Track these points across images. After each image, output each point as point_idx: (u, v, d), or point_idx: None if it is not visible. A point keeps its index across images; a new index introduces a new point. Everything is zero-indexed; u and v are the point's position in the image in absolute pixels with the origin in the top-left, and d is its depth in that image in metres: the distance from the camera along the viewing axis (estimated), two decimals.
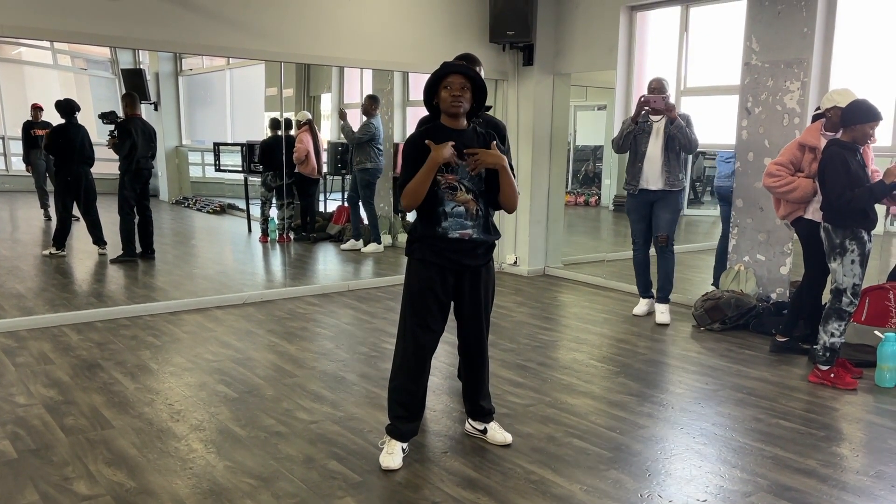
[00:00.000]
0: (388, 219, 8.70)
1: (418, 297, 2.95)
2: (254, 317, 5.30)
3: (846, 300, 3.98)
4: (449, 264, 2.92)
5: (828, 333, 4.03)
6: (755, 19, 5.31)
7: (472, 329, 3.07)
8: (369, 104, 7.83)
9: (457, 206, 2.88)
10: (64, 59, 12.90)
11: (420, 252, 2.93)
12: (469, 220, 2.90)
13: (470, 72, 2.85)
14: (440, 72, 2.85)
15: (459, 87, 2.81)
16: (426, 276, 2.93)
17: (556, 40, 6.79)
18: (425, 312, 2.95)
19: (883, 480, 2.92)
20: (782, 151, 4.49)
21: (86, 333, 4.77)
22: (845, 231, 3.95)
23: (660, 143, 5.12)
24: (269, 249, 8.44)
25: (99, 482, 2.77)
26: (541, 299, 6.12)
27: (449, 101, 2.82)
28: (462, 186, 2.88)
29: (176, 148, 12.73)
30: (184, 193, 12.56)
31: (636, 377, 4.16)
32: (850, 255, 3.95)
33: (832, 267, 4.05)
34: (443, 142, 2.82)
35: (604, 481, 2.86)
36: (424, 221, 2.92)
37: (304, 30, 5.68)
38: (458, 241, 2.89)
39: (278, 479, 2.82)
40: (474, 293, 3.01)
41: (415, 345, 2.97)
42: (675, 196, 5.23)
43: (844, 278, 3.98)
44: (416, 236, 2.95)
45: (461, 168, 2.87)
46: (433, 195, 2.85)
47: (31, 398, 3.62)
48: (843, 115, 3.96)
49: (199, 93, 12.76)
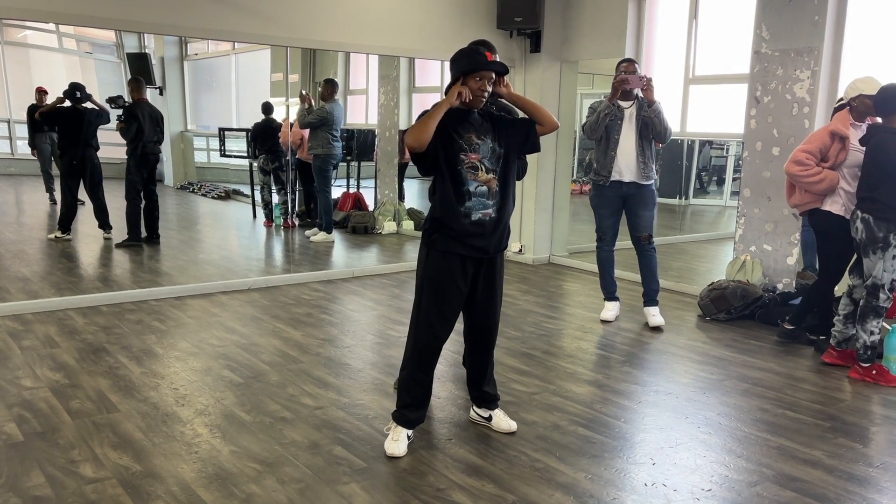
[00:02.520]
0: (393, 205, 8.68)
1: (437, 288, 2.94)
2: (259, 302, 5.31)
3: (884, 296, 3.88)
4: (471, 252, 2.92)
5: (867, 332, 3.94)
6: (766, 7, 5.26)
7: (485, 316, 3.07)
8: (326, 89, 7.73)
9: (480, 185, 2.89)
10: (69, 43, 12.86)
11: (442, 243, 2.91)
12: (490, 199, 2.92)
13: (504, 70, 2.93)
14: (477, 65, 2.86)
15: (489, 82, 2.87)
16: (447, 266, 2.92)
17: (564, 27, 6.74)
18: (444, 303, 2.95)
19: (889, 472, 2.91)
20: (810, 138, 4.30)
21: (91, 317, 4.78)
22: (889, 224, 3.80)
23: (633, 131, 4.72)
24: (274, 235, 8.44)
25: (105, 465, 2.78)
26: (546, 287, 6.11)
27: (477, 95, 2.86)
28: (483, 166, 2.89)
29: (181, 133, 12.70)
30: (189, 179, 12.54)
31: (641, 366, 4.15)
32: (892, 249, 3.82)
33: (869, 261, 3.89)
34: (460, 120, 2.89)
35: (608, 470, 2.86)
36: (445, 206, 2.90)
37: (310, 15, 5.65)
38: (479, 223, 2.89)
39: (283, 465, 2.82)
40: (489, 280, 3.02)
41: (431, 336, 2.97)
42: (650, 189, 4.83)
43: (885, 273, 3.85)
44: (436, 226, 2.93)
45: (482, 146, 2.89)
46: (456, 175, 2.87)
47: (37, 381, 3.63)
48: (886, 103, 3.81)
49: (204, 78, 12.71)
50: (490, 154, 2.91)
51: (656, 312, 4.94)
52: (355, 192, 9.11)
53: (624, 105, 4.74)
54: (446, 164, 2.86)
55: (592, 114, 4.83)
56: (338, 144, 7.80)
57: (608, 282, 5.12)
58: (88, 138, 7.21)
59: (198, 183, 12.11)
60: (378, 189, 8.99)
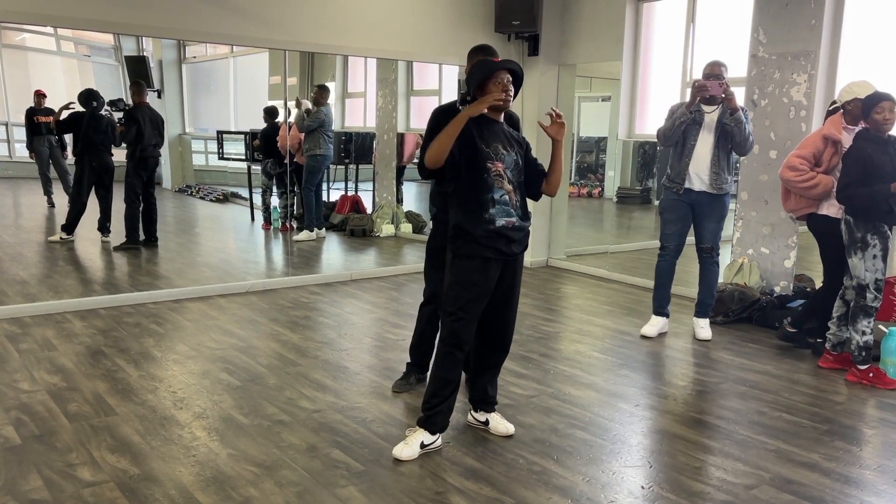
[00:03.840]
0: (391, 208, 8.69)
1: (463, 292, 2.93)
2: (257, 305, 5.31)
3: (870, 296, 3.93)
4: (496, 255, 2.94)
5: (859, 332, 3.97)
6: (763, 11, 5.27)
7: (503, 315, 3.09)
8: (319, 94, 8.04)
9: (504, 193, 2.92)
10: (67, 46, 12.86)
11: (467, 248, 2.93)
12: (512, 208, 2.96)
13: (517, 68, 2.94)
14: (491, 68, 2.89)
15: (508, 81, 2.89)
16: (471, 269, 2.93)
17: (562, 31, 6.76)
18: (471, 307, 2.95)
19: (886, 475, 2.92)
20: (803, 143, 4.34)
21: (89, 320, 4.77)
22: (867, 225, 3.89)
23: (711, 138, 4.45)
24: (272, 238, 8.45)
25: (103, 469, 2.78)
26: (544, 290, 6.12)
27: (505, 94, 2.88)
28: (506, 176, 2.93)
29: (179, 136, 12.69)
30: (187, 181, 12.53)
31: (639, 369, 4.15)
32: (871, 249, 3.90)
33: (853, 262, 3.97)
34: (487, 130, 2.92)
35: (606, 473, 2.86)
36: (470, 213, 2.92)
37: (308, 18, 5.66)
38: (503, 228, 2.92)
39: (281, 468, 2.82)
40: (510, 281, 3.05)
41: (461, 339, 2.95)
42: (722, 200, 4.55)
43: (866, 273, 3.92)
44: (460, 233, 2.95)
45: (507, 157, 2.94)
46: (482, 182, 2.90)
47: (34, 384, 3.63)
48: (863, 108, 3.94)
49: (202, 80, 12.72)
50: (513, 166, 2.97)
51: (705, 325, 4.78)
52: (353, 195, 9.11)
53: (707, 109, 4.50)
54: (472, 172, 2.89)
55: (669, 118, 4.59)
56: (331, 145, 8.10)
57: (661, 294, 4.80)
58: (108, 143, 7.27)
59: (196, 186, 12.10)
60: (376, 192, 9.00)
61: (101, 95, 7.35)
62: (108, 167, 7.35)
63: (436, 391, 2.99)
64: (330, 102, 8.16)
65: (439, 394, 2.98)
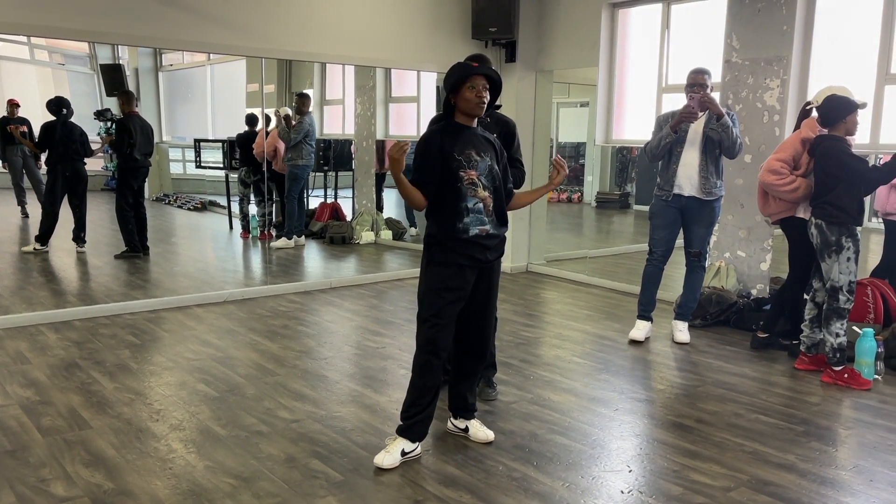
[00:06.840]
0: (371, 215, 8.67)
1: (438, 299, 2.93)
2: (235, 315, 5.26)
3: (843, 298, 3.98)
4: (470, 263, 2.94)
5: (833, 335, 4.01)
6: (736, 17, 5.34)
7: (480, 322, 3.09)
8: (301, 102, 8.02)
9: (478, 201, 2.91)
10: (41, 55, 12.70)
11: (441, 254, 2.93)
12: (486, 216, 2.94)
13: (493, 74, 2.93)
14: (465, 72, 2.88)
15: (483, 87, 2.88)
16: (446, 275, 2.93)
17: (539, 37, 6.80)
18: (447, 312, 2.94)
19: (861, 475, 2.95)
20: (782, 146, 4.36)
21: (64, 332, 4.71)
22: (841, 228, 3.94)
23: (698, 145, 4.49)
24: (251, 247, 8.39)
25: (77, 483, 2.74)
26: (524, 296, 6.13)
27: (475, 102, 2.88)
28: (480, 182, 2.91)
29: (156, 144, 12.59)
30: (164, 190, 12.41)
31: (618, 373, 4.17)
32: (846, 252, 3.94)
33: (826, 265, 4.01)
34: (458, 138, 2.90)
35: (585, 478, 2.87)
36: (443, 220, 2.92)
37: (285, 26, 5.64)
38: (476, 237, 2.92)
39: (259, 479, 2.80)
40: (486, 287, 3.05)
41: (438, 346, 2.94)
42: (711, 206, 4.58)
43: (840, 276, 3.96)
44: (434, 240, 2.95)
45: (481, 163, 2.91)
46: (456, 191, 2.88)
47: (7, 398, 3.57)
48: (830, 113, 3.99)
49: (179, 88, 12.62)
50: (487, 172, 2.93)
51: (684, 328, 4.82)
52: (333, 203, 9.08)
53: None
54: (445, 182, 2.88)
55: (657, 132, 4.61)
56: (313, 155, 8.10)
57: (647, 299, 4.82)
58: (81, 152, 7.21)
59: (173, 194, 12.00)
60: (356, 199, 8.98)
61: (70, 103, 7.27)
62: (82, 176, 7.30)
63: (415, 399, 2.98)
64: (311, 110, 8.16)
65: (418, 402, 2.98)
